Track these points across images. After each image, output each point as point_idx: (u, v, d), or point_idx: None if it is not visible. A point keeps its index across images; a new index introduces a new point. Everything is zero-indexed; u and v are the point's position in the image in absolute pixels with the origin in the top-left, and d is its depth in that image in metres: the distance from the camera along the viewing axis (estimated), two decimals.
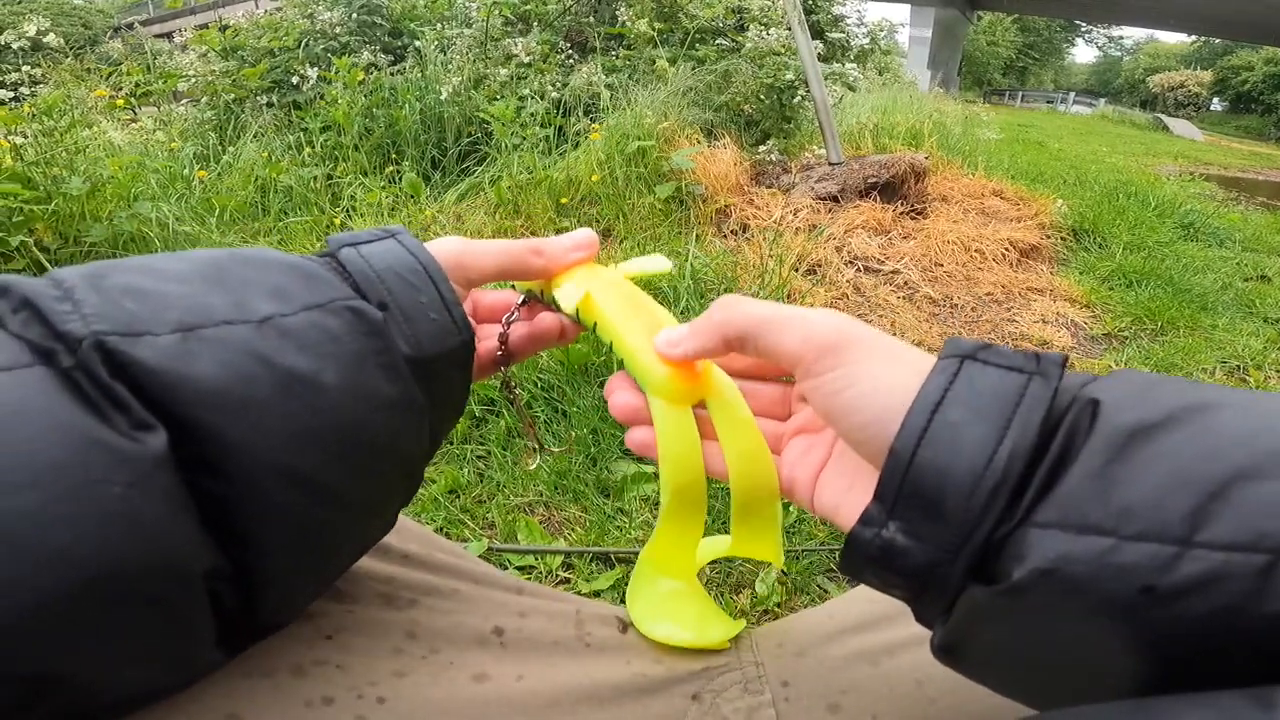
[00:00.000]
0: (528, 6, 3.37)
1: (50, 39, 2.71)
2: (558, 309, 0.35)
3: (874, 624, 0.40)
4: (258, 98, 2.99)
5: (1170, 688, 0.19)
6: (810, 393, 0.26)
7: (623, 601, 0.40)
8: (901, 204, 2.50)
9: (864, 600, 0.42)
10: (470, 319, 0.31)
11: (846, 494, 0.28)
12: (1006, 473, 0.21)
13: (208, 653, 0.25)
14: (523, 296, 0.37)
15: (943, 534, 0.22)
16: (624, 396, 0.33)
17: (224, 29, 3.43)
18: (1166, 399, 0.21)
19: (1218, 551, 0.18)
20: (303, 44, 3.27)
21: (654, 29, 3.02)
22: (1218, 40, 32.22)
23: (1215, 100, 34.55)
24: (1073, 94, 33.88)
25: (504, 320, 0.36)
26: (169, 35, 5.28)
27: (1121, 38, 47.66)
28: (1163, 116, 21.10)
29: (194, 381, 0.22)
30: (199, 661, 0.25)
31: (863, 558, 0.24)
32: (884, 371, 0.24)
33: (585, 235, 0.36)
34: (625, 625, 0.41)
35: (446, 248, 0.32)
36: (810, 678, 0.38)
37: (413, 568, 0.39)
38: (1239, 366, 1.86)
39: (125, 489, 0.20)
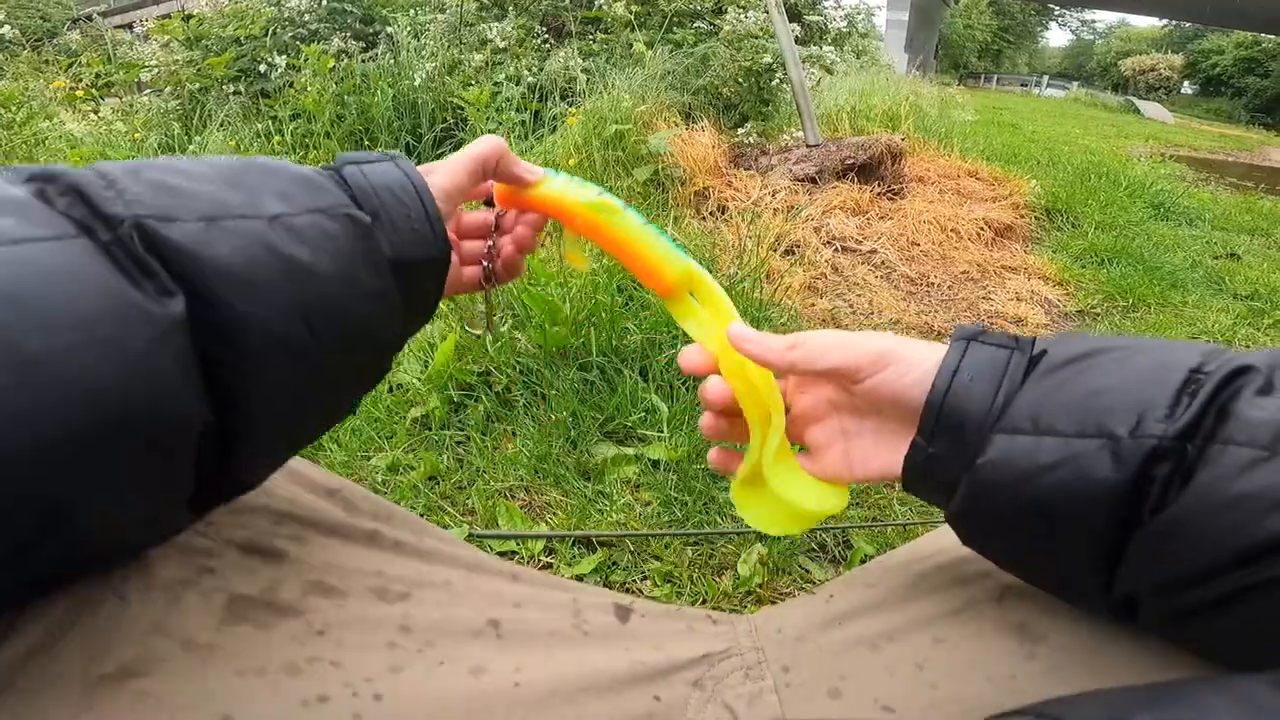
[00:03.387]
0: None
1: (6, 30, 2.63)
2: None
3: (873, 609, 0.40)
4: (224, 87, 2.91)
5: (1044, 543, 0.29)
6: (868, 391, 0.35)
7: (608, 585, 0.40)
8: (879, 185, 2.50)
9: (862, 585, 0.42)
10: (452, 235, 0.36)
11: (884, 454, 0.36)
12: (1002, 409, 0.31)
13: (182, 510, 0.28)
14: (497, 212, 0.44)
15: (964, 451, 0.31)
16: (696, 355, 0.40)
17: (188, 18, 3.34)
18: (1075, 349, 0.31)
19: (1074, 439, 0.28)
20: (270, 32, 3.19)
21: (631, 12, 2.99)
22: (1188, 24, 32.67)
23: (1186, 83, 35.09)
24: (1046, 77, 34.17)
25: (490, 233, 0.44)
26: (129, 25, 5.13)
27: (1094, 21, 48.22)
28: (1134, 99, 21.39)
29: (213, 260, 0.26)
30: (175, 517, 0.28)
31: (913, 471, 0.34)
32: (919, 358, 0.34)
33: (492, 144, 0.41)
34: (623, 612, 0.40)
35: (431, 172, 0.38)
36: (811, 663, 0.38)
37: (404, 555, 0.38)
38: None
39: (148, 343, 0.23)
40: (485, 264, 0.44)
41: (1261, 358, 0.28)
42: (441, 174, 0.38)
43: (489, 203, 0.45)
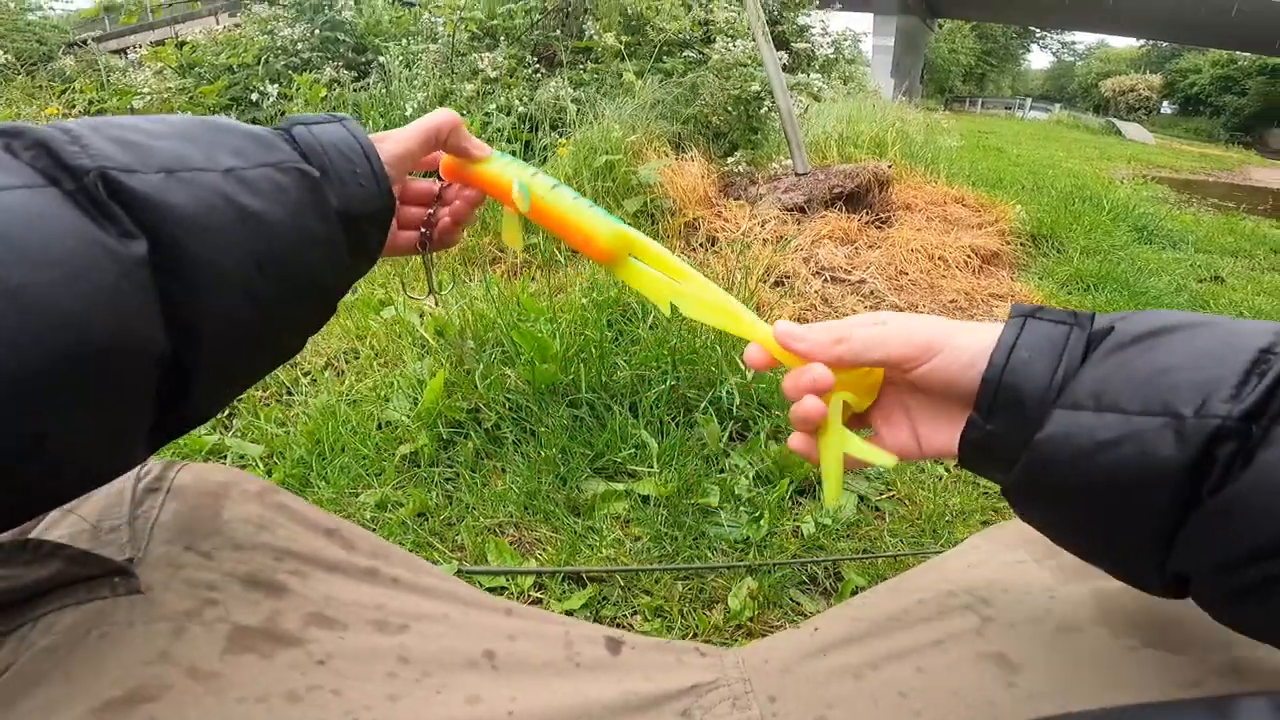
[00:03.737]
0: (495, 21, 3.36)
1: (0, 56, 2.64)
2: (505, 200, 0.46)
3: (858, 640, 0.41)
4: (216, 115, 2.93)
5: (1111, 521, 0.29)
6: (920, 380, 0.35)
7: (599, 620, 0.41)
8: (867, 213, 2.54)
9: (847, 618, 0.43)
10: (392, 191, 0.39)
11: (947, 430, 0.36)
12: (1061, 385, 0.31)
13: (140, 442, 0.30)
14: (441, 185, 0.48)
15: (1023, 429, 0.31)
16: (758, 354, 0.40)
17: (181, 45, 3.37)
18: (1146, 325, 0.31)
19: (1137, 416, 0.28)
20: (263, 60, 3.22)
21: (622, 42, 3.03)
22: (1165, 44, 33.42)
23: (1165, 103, 35.79)
24: (1029, 100, 34.80)
25: (432, 201, 0.48)
26: (123, 52, 5.16)
27: (1074, 43, 49.22)
28: (1115, 120, 21.80)
29: (171, 207, 0.28)
30: (135, 449, 0.30)
31: (971, 449, 0.34)
32: (970, 342, 0.34)
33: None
34: (614, 644, 0.41)
35: (381, 139, 0.40)
36: (797, 693, 0.39)
37: (402, 590, 0.40)
38: None
39: (116, 278, 0.25)
40: (423, 230, 0.47)
41: None
42: (394, 140, 0.41)
43: (436, 174, 0.48)
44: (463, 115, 2.60)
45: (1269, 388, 0.26)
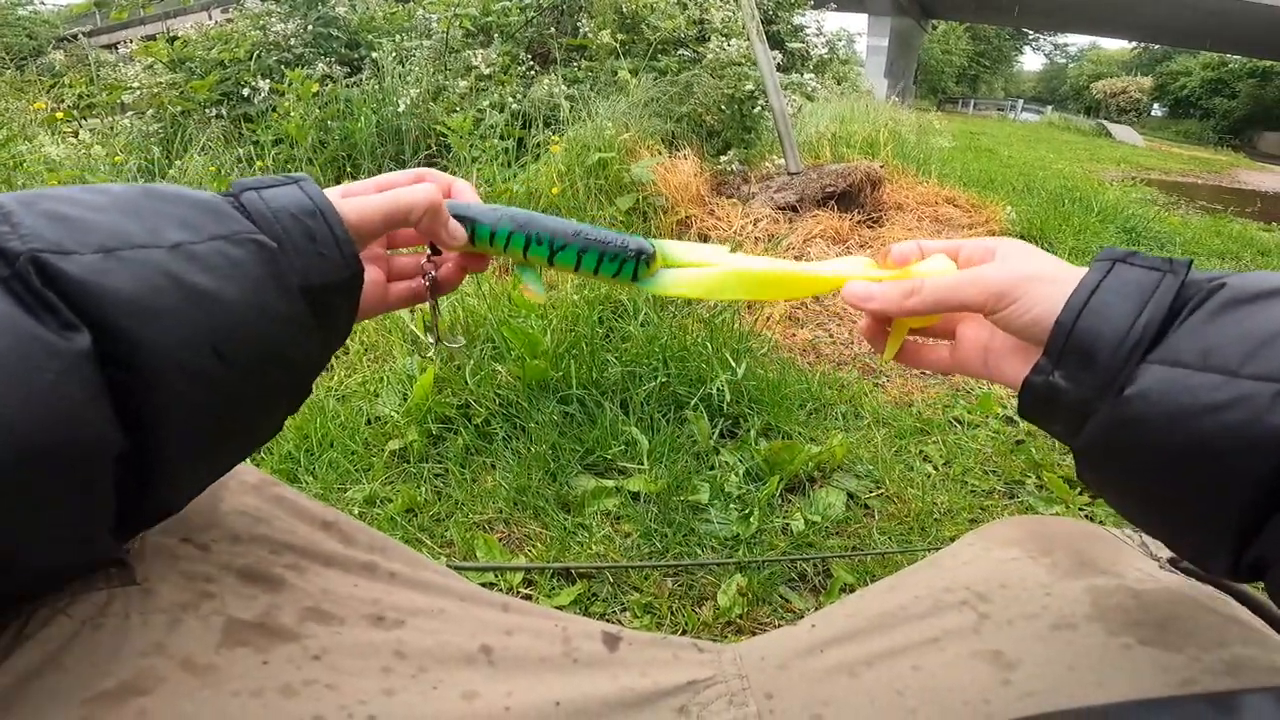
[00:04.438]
0: (489, 18, 3.35)
1: None
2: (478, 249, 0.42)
3: (854, 636, 0.41)
4: (206, 110, 2.91)
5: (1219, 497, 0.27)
6: (998, 321, 0.34)
7: (588, 616, 0.41)
8: (858, 213, 2.54)
9: (843, 615, 0.43)
10: (380, 251, 0.36)
11: (1018, 366, 0.35)
12: (1143, 336, 0.29)
13: (107, 536, 0.28)
14: (428, 253, 0.43)
15: (1093, 378, 0.29)
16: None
17: (172, 40, 3.34)
18: (1263, 284, 0.28)
19: (1248, 380, 0.25)
20: (255, 56, 3.20)
21: (616, 40, 3.03)
22: (1157, 46, 33.66)
23: (1155, 105, 36.05)
24: (1021, 101, 34.99)
25: (426, 259, 0.43)
26: (114, 46, 5.12)
27: (1066, 45, 49.55)
28: (1106, 123, 21.92)
29: (112, 292, 0.25)
30: (100, 543, 0.28)
31: (1032, 396, 0.32)
32: (1049, 292, 0.32)
33: (429, 189, 0.39)
34: (612, 640, 0.41)
35: (339, 207, 0.36)
36: (793, 690, 0.39)
37: (399, 585, 0.40)
38: None
39: (57, 376, 0.23)
40: (428, 275, 0.43)
41: None
42: (354, 208, 0.36)
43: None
44: (455, 112, 2.59)
45: None
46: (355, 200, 0.36)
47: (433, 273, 0.42)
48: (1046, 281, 0.33)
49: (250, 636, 0.32)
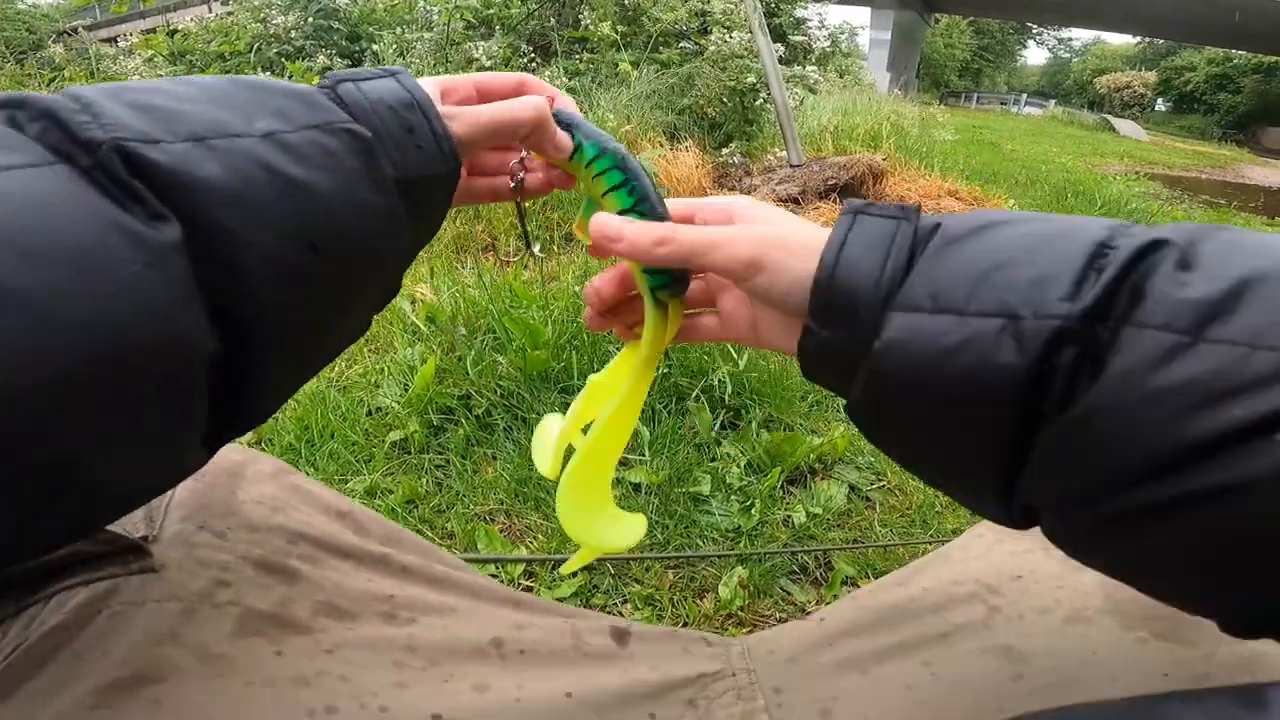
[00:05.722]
0: (490, 10, 3.34)
1: None
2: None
3: (863, 631, 0.41)
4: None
5: (957, 445, 0.26)
6: (750, 292, 0.33)
7: (589, 608, 0.41)
8: None
9: (852, 609, 0.43)
10: (457, 153, 0.34)
11: (787, 336, 0.34)
12: (891, 283, 0.28)
13: (196, 446, 0.27)
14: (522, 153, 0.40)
15: (858, 330, 0.28)
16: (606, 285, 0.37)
17: (172, 34, 3.33)
18: (976, 221, 0.28)
19: (974, 317, 0.25)
20: (255, 48, 3.19)
21: (617, 32, 3.02)
22: (1161, 41, 33.51)
23: (1159, 100, 35.89)
24: (1024, 95, 34.83)
25: (518, 161, 0.40)
26: (114, 40, 5.11)
27: (1070, 39, 49.33)
28: (1109, 117, 21.85)
29: (204, 181, 0.24)
30: (189, 455, 0.27)
31: (807, 359, 0.31)
32: (799, 260, 0.31)
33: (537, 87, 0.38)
34: (621, 635, 0.41)
35: (446, 111, 0.34)
36: (802, 684, 0.39)
37: (412, 581, 0.40)
38: None
39: (143, 268, 0.22)
40: (517, 176, 0.39)
41: (1174, 231, 0.25)
42: (459, 121, 0.34)
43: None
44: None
45: (1110, 283, 0.23)
46: (460, 111, 0.34)
47: (522, 175, 0.39)
48: (789, 249, 0.31)
49: (264, 627, 0.32)
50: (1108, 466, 0.22)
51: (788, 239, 0.32)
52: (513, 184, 0.39)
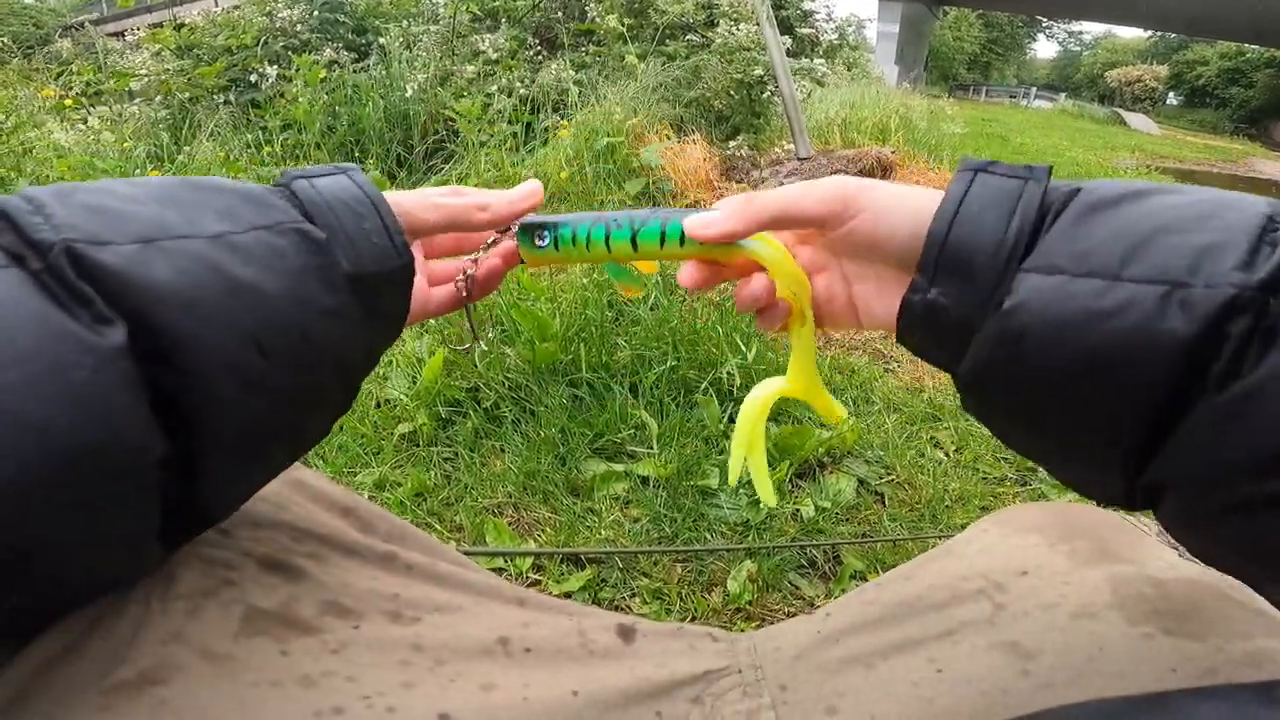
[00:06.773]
0: (496, 3, 3.33)
1: None
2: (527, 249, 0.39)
3: (869, 627, 0.40)
4: (214, 96, 2.91)
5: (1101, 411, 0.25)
6: (845, 237, 0.32)
7: (597, 602, 0.41)
8: None
9: (859, 605, 0.43)
10: (418, 254, 0.34)
11: (887, 300, 0.32)
12: (1016, 243, 0.27)
13: (153, 543, 0.27)
14: (490, 238, 0.41)
15: (974, 292, 0.27)
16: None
17: (179, 27, 3.34)
18: (1124, 187, 0.27)
19: (1130, 283, 0.24)
20: (262, 42, 3.19)
21: (624, 25, 3.00)
22: (1173, 35, 33.17)
23: (1171, 94, 35.55)
24: (1034, 89, 34.56)
25: (480, 249, 0.41)
26: (121, 34, 5.12)
27: (1081, 33, 48.86)
28: (1120, 111, 21.67)
29: (151, 283, 0.24)
30: (147, 551, 0.27)
31: (911, 318, 0.30)
32: (896, 203, 0.30)
33: (530, 186, 0.39)
34: (627, 632, 0.41)
35: (394, 198, 0.35)
36: (808, 681, 0.39)
37: (418, 579, 0.39)
38: None
39: (91, 373, 0.22)
40: (464, 275, 0.41)
41: None
42: (410, 197, 0.36)
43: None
44: (463, 97, 2.57)
45: None
46: (415, 198, 0.36)
47: (470, 271, 0.41)
48: (880, 190, 0.31)
49: (269, 626, 0.32)
50: (1258, 449, 0.21)
51: (875, 183, 0.31)
52: (465, 290, 0.41)
